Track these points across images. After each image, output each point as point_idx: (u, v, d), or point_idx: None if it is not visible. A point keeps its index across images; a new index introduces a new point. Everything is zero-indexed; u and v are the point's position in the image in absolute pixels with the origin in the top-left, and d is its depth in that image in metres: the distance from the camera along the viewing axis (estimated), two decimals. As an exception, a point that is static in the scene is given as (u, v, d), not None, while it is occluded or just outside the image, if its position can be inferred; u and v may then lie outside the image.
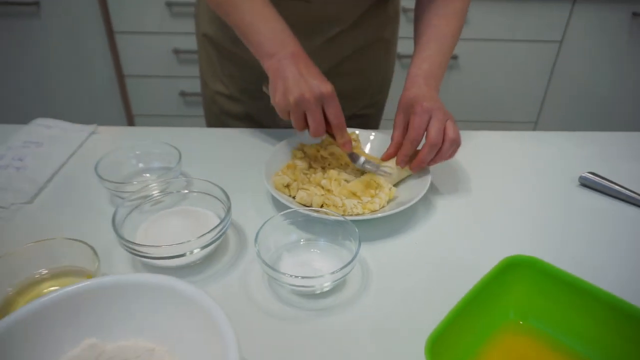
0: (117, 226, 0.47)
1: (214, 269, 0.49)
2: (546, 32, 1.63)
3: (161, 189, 0.55)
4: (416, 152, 0.57)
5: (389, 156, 0.59)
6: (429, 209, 0.58)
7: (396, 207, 0.53)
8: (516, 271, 0.39)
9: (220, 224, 0.47)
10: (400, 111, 0.60)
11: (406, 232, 0.54)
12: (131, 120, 1.79)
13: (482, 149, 0.71)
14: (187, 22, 1.58)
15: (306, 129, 0.57)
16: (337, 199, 0.54)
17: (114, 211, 0.48)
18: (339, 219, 0.49)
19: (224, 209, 0.50)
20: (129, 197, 0.51)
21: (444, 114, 0.56)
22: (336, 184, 0.57)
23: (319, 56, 0.62)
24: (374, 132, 0.68)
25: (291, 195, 0.56)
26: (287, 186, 0.57)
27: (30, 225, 0.55)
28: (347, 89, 0.71)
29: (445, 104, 0.59)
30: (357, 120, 0.81)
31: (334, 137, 0.57)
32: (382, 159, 0.60)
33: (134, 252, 0.45)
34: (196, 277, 0.48)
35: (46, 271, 0.44)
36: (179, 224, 0.52)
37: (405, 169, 0.59)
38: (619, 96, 1.76)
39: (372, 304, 0.45)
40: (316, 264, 0.48)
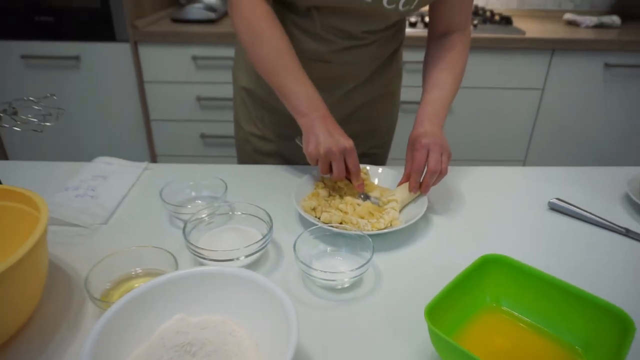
0: (187, 236, 0.61)
1: (259, 272, 0.62)
2: (529, 81, 1.82)
3: (210, 212, 0.69)
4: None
5: (402, 182, 0.74)
6: (428, 226, 0.72)
7: (401, 224, 0.67)
8: (490, 266, 0.53)
9: (264, 237, 0.61)
10: (409, 148, 0.75)
11: (410, 244, 0.68)
12: (154, 159, 1.95)
13: (471, 180, 0.86)
14: (209, 73, 1.78)
15: (329, 173, 0.72)
16: (353, 218, 0.68)
17: (184, 225, 0.62)
18: (357, 233, 0.63)
19: (266, 226, 0.64)
20: (190, 218, 0.65)
21: (440, 148, 0.71)
22: (351, 207, 0.71)
23: (338, 106, 0.78)
24: (381, 167, 0.83)
25: (316, 216, 0.70)
26: (314, 209, 0.71)
27: (106, 240, 0.69)
28: (360, 132, 0.87)
29: None
30: (367, 158, 0.96)
31: (350, 180, 0.73)
32: (399, 184, 0.75)
33: (198, 255, 0.59)
34: (245, 278, 0.61)
35: (140, 270, 0.57)
36: (229, 238, 0.66)
37: (407, 197, 0.73)
38: (596, 135, 1.94)
39: (382, 297, 0.58)
40: (339, 267, 0.62)
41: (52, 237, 0.66)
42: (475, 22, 1.84)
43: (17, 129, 0.61)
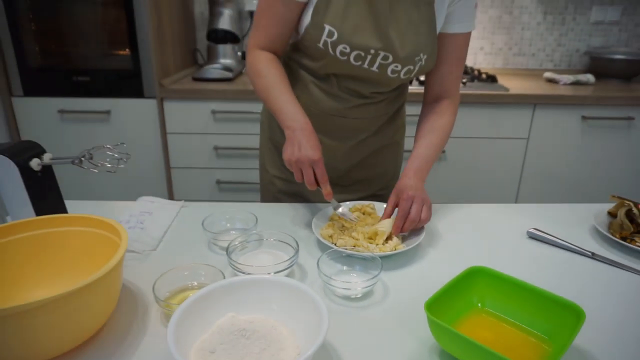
0: (229, 255, 0.74)
1: (287, 287, 0.75)
2: (516, 131, 2.01)
3: (244, 239, 0.83)
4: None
5: (382, 219, 0.88)
6: (426, 249, 0.86)
7: (404, 248, 0.81)
8: (476, 275, 0.66)
9: (293, 255, 0.75)
10: (393, 193, 0.90)
11: (411, 263, 0.81)
12: (173, 204, 2.09)
13: (463, 215, 1.00)
14: (226, 125, 1.97)
15: (302, 180, 0.85)
16: (364, 243, 0.82)
17: (227, 247, 0.76)
18: (368, 254, 0.77)
19: (293, 249, 0.78)
20: (230, 243, 0.79)
21: (422, 200, 0.86)
22: (362, 235, 0.85)
23: (351, 153, 0.94)
24: (384, 204, 0.98)
25: (333, 242, 0.84)
26: (330, 236, 0.85)
27: (157, 263, 0.82)
28: (370, 176, 1.03)
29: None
30: (376, 198, 1.11)
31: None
32: (381, 218, 0.89)
33: (238, 270, 0.72)
34: (276, 291, 0.74)
35: (195, 283, 0.70)
36: (262, 259, 0.80)
37: (389, 229, 0.86)
38: (577, 177, 2.11)
39: (389, 304, 0.71)
40: (353, 281, 0.75)
41: (115, 259, 0.80)
42: (464, 80, 2.06)
43: (94, 171, 0.77)
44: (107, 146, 0.77)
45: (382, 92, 0.99)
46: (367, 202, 0.97)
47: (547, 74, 2.27)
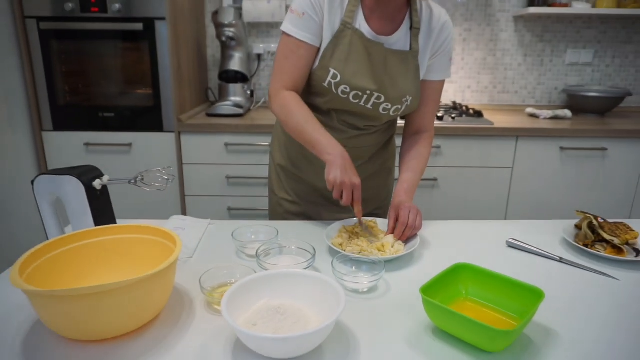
0: (259, 257, 0.90)
1: (306, 284, 0.91)
2: (501, 161, 2.20)
3: (268, 247, 0.99)
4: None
5: (388, 234, 1.05)
6: (421, 255, 1.02)
7: (403, 252, 0.98)
8: (462, 270, 0.82)
9: (311, 257, 0.91)
10: (392, 209, 1.07)
11: (408, 266, 0.97)
12: (186, 229, 2.24)
13: (452, 229, 1.17)
14: (237, 156, 2.15)
15: (340, 198, 1.02)
16: (369, 249, 0.98)
17: (256, 251, 0.92)
18: (373, 258, 0.93)
19: (310, 254, 0.94)
20: (258, 249, 0.95)
21: (417, 211, 1.04)
22: (367, 243, 1.02)
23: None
24: (385, 220, 1.15)
25: (343, 249, 1.00)
26: (340, 244, 1.01)
27: (195, 267, 0.97)
28: (365, 198, 1.20)
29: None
30: (372, 215, 1.28)
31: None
32: (386, 234, 1.06)
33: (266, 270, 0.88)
34: (297, 288, 0.90)
35: (234, 280, 0.86)
36: (284, 262, 0.95)
37: (391, 242, 1.03)
38: (557, 202, 2.28)
39: (390, 296, 0.86)
40: (361, 278, 0.91)
41: (161, 264, 0.95)
42: (453, 115, 2.27)
43: (147, 189, 0.93)
44: (158, 169, 0.94)
45: (374, 125, 1.18)
46: (370, 218, 1.13)
47: (529, 110, 2.48)
